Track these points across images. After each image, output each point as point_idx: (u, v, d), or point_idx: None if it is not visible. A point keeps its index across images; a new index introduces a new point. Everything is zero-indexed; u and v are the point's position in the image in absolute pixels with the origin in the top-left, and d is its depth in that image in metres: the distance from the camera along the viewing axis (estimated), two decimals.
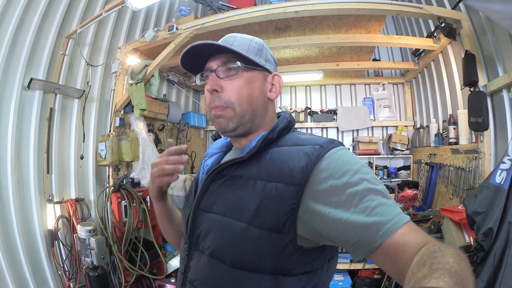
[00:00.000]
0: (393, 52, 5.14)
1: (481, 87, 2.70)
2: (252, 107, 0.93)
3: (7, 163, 2.58)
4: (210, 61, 0.95)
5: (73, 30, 3.06)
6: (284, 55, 4.20)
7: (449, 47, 3.34)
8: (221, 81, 0.92)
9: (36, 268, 2.72)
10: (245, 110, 0.92)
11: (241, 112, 0.91)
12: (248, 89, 0.93)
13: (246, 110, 0.92)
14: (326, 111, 5.06)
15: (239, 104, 0.91)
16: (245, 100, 0.92)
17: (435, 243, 0.60)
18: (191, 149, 4.88)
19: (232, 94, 0.91)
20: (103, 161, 3.24)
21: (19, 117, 2.68)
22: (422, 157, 4.07)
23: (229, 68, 0.92)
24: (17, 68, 2.66)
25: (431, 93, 4.03)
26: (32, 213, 2.76)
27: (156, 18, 4.38)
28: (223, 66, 0.92)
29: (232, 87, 0.91)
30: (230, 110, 0.90)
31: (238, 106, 0.91)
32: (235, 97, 0.91)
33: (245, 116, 0.92)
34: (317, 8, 2.74)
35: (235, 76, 0.92)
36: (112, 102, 3.57)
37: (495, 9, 2.19)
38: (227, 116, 0.91)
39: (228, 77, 0.92)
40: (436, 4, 3.31)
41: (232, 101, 0.90)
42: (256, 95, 0.95)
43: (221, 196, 0.88)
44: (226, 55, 0.92)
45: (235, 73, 0.92)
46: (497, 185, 2.13)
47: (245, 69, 0.93)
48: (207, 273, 0.87)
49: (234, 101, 0.90)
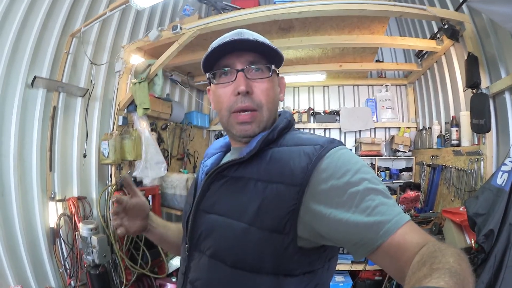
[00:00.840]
0: (396, 53, 5.12)
1: (483, 89, 2.69)
2: (274, 109, 0.93)
3: (9, 161, 2.59)
4: (230, 57, 0.89)
5: (77, 29, 3.08)
6: (288, 56, 4.20)
7: (452, 49, 3.33)
8: (250, 82, 0.88)
9: (37, 265, 2.73)
10: (270, 113, 0.91)
11: (268, 116, 0.90)
12: (273, 92, 0.92)
13: (271, 113, 0.91)
14: (329, 112, 5.05)
15: (267, 107, 0.89)
16: (272, 103, 0.91)
17: (436, 242, 0.60)
18: (193, 149, 4.89)
19: (262, 97, 0.88)
20: (106, 160, 3.25)
21: (22, 115, 2.70)
22: (424, 159, 4.06)
23: (256, 69, 0.89)
24: (20, 66, 2.68)
25: (433, 94, 4.02)
26: (34, 210, 2.78)
27: (160, 18, 4.40)
28: (252, 65, 0.89)
29: (262, 89, 0.89)
30: (259, 114, 0.88)
31: (267, 110, 0.89)
32: (265, 100, 0.89)
33: (269, 120, 0.91)
34: (320, 9, 2.74)
35: (265, 80, 0.90)
36: (116, 101, 3.58)
37: (498, 11, 2.19)
38: (256, 121, 0.88)
39: (257, 79, 0.89)
40: (439, 6, 3.31)
41: (263, 104, 0.89)
42: (276, 99, 0.94)
43: (222, 197, 0.88)
44: (253, 54, 0.89)
45: (264, 76, 0.90)
46: (498, 187, 2.12)
47: (273, 74, 0.92)
48: (207, 274, 0.86)
49: (264, 104, 0.89)
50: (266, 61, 0.90)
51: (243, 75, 0.87)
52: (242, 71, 0.87)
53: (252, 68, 0.89)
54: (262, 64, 0.90)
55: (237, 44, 0.86)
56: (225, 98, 0.90)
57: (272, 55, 0.91)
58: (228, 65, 0.89)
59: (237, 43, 0.86)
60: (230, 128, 0.92)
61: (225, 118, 0.91)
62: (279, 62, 0.93)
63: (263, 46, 0.88)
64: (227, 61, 0.90)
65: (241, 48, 0.88)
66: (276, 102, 0.94)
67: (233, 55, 0.89)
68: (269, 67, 0.90)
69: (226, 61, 0.90)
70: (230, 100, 0.89)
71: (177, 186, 3.61)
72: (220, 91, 0.91)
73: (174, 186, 3.57)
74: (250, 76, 0.88)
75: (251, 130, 0.89)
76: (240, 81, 0.87)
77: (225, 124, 0.93)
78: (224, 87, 0.90)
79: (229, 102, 0.89)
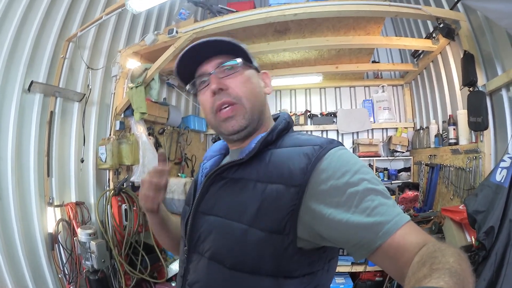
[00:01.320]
0: (393, 54, 5.15)
1: (480, 87, 2.71)
2: (258, 102, 0.94)
3: (7, 166, 2.58)
4: (202, 65, 0.94)
5: (74, 34, 3.08)
6: (284, 58, 4.21)
7: (448, 47, 3.35)
8: (223, 80, 0.91)
9: (36, 271, 2.70)
10: (253, 104, 0.92)
11: (250, 107, 0.91)
12: (250, 84, 0.93)
13: (254, 104, 0.92)
14: (326, 114, 5.07)
15: (247, 98, 0.91)
16: (251, 94, 0.92)
17: (435, 242, 0.60)
18: (191, 153, 4.87)
19: (238, 90, 0.90)
20: (104, 165, 3.24)
21: (19, 120, 2.68)
22: (422, 159, 4.07)
23: (227, 68, 0.92)
24: (17, 71, 2.67)
25: (430, 94, 4.04)
26: (32, 216, 2.76)
27: (156, 22, 4.41)
28: (221, 67, 0.92)
29: (236, 83, 0.91)
30: (239, 106, 0.90)
31: (247, 101, 0.90)
32: (241, 92, 0.90)
33: (254, 111, 0.92)
34: (316, 10, 2.75)
35: (236, 74, 0.92)
36: (112, 106, 3.57)
37: (493, 8, 2.20)
38: (239, 113, 0.90)
39: (229, 75, 0.92)
40: (434, 5, 3.32)
41: (240, 96, 0.90)
42: (257, 90, 0.95)
43: (221, 198, 0.88)
44: (221, 56, 0.93)
45: (236, 71, 0.92)
46: (497, 184, 2.12)
47: (243, 67, 0.94)
48: (206, 276, 0.86)
49: (242, 95, 0.90)
50: (233, 57, 0.93)
51: (214, 76, 0.91)
52: (213, 73, 0.92)
53: (223, 67, 0.92)
54: (231, 62, 0.92)
55: (202, 50, 0.92)
56: (207, 102, 0.93)
57: (238, 52, 0.94)
58: (202, 73, 0.95)
59: (199, 48, 0.91)
60: (219, 128, 0.94)
61: (212, 121, 0.94)
62: (247, 56, 0.95)
63: (224, 44, 0.92)
64: (200, 71, 0.95)
65: (208, 55, 0.94)
66: (257, 94, 0.95)
67: (204, 63, 0.94)
68: (236, 61, 0.92)
69: (200, 70, 0.95)
70: (210, 102, 0.92)
71: (175, 190, 3.59)
72: (202, 97, 0.95)
73: (172, 190, 3.55)
74: (222, 75, 0.92)
75: (237, 124, 0.90)
76: (212, 82, 0.91)
77: (215, 127, 0.96)
78: (204, 93, 0.94)
79: (210, 104, 0.92)
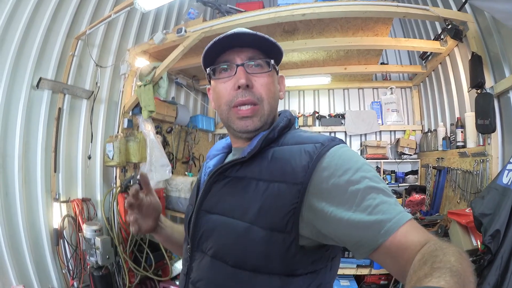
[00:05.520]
0: (401, 55, 5.14)
1: (488, 89, 2.68)
2: (275, 106, 0.94)
3: (14, 161, 2.61)
4: (230, 53, 0.90)
5: (83, 31, 3.11)
6: (292, 59, 4.20)
7: (456, 49, 3.33)
8: (250, 76, 0.89)
9: (40, 266, 2.73)
10: (271, 108, 0.91)
11: (269, 110, 0.90)
12: (274, 87, 0.93)
13: (273, 108, 0.92)
14: (334, 115, 5.07)
15: (268, 101, 0.90)
16: (272, 98, 0.91)
17: (437, 241, 0.59)
18: (198, 152, 4.90)
19: (263, 91, 0.89)
20: (111, 162, 3.27)
21: (27, 116, 2.72)
22: (430, 161, 4.04)
23: (255, 65, 0.90)
24: (26, 68, 2.71)
25: (438, 96, 4.01)
26: (38, 211, 2.79)
27: (165, 21, 4.44)
28: (251, 61, 0.90)
29: (262, 83, 0.89)
30: (260, 108, 0.89)
31: (267, 104, 0.90)
32: (265, 94, 0.89)
33: (270, 114, 0.91)
34: (324, 11, 2.74)
35: (264, 74, 0.90)
36: (121, 104, 3.61)
37: (500, 8, 2.19)
38: (257, 115, 0.88)
39: (256, 73, 0.90)
40: (442, 6, 3.31)
41: (263, 98, 0.89)
42: (277, 95, 0.95)
43: (224, 197, 0.88)
44: (252, 50, 0.90)
45: (264, 71, 0.91)
46: (504, 186, 2.09)
47: (272, 68, 0.93)
48: (209, 274, 0.86)
49: (264, 98, 0.89)
50: (265, 56, 0.91)
51: (243, 69, 0.88)
52: (242, 65, 0.88)
53: (252, 63, 0.90)
54: (261, 59, 0.90)
55: (236, 39, 0.87)
56: (225, 93, 0.90)
57: (271, 51, 0.92)
58: (228, 60, 0.90)
59: (236, 37, 0.86)
60: (230, 123, 0.92)
61: (225, 113, 0.92)
62: (279, 58, 0.94)
63: (262, 40, 0.89)
64: (226, 57, 0.90)
65: (241, 44, 0.89)
66: (276, 98, 0.94)
67: (233, 51, 0.90)
68: (268, 62, 0.91)
69: (226, 57, 0.90)
70: (230, 94, 0.89)
71: (182, 189, 3.61)
72: (220, 86, 0.91)
73: (179, 189, 3.57)
74: (250, 71, 0.89)
75: (252, 125, 0.89)
76: (240, 75, 0.87)
77: (225, 120, 0.93)
78: (224, 82, 0.91)
79: (229, 96, 0.89)
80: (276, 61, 0.94)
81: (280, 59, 0.95)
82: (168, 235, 1.16)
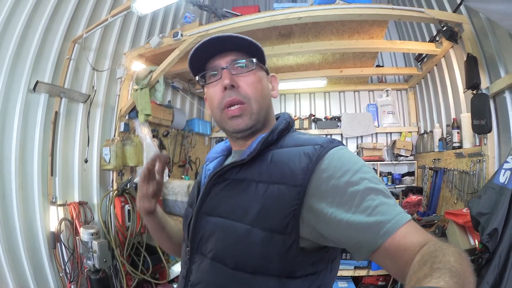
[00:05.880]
0: (397, 58, 5.16)
1: (483, 89, 2.70)
2: (265, 104, 0.94)
3: (11, 164, 2.60)
4: (215, 59, 0.94)
5: (79, 35, 3.11)
6: (288, 62, 4.22)
7: (451, 51, 3.35)
8: (235, 77, 0.91)
9: (37, 269, 2.71)
10: (260, 106, 0.92)
11: (258, 108, 0.91)
12: (260, 85, 0.94)
13: (261, 106, 0.92)
14: (330, 118, 5.09)
15: (255, 99, 0.91)
16: (260, 96, 0.92)
17: (436, 242, 0.59)
18: (195, 156, 4.89)
19: (248, 89, 0.90)
20: (107, 165, 3.26)
21: (24, 119, 2.71)
22: (426, 163, 4.05)
23: (241, 66, 0.92)
24: (23, 71, 2.70)
25: (434, 98, 4.04)
26: (34, 214, 2.78)
27: (161, 25, 4.44)
28: (234, 63, 0.92)
29: (247, 82, 0.91)
30: (247, 106, 0.90)
31: (255, 102, 0.91)
32: (251, 92, 0.90)
33: (260, 112, 0.92)
34: (319, 14, 2.76)
35: (249, 73, 0.92)
36: (117, 107, 3.60)
37: (495, 9, 2.21)
38: (246, 113, 0.90)
39: (241, 74, 0.92)
40: (437, 8, 3.34)
41: (250, 96, 0.90)
42: (266, 93, 0.96)
43: (223, 199, 0.88)
44: (235, 53, 0.93)
45: (248, 70, 0.92)
46: (501, 185, 2.11)
47: (256, 67, 0.94)
48: (209, 277, 0.86)
49: (251, 96, 0.90)
50: (249, 56, 0.93)
51: (227, 71, 0.91)
52: (226, 68, 0.91)
53: (237, 64, 0.92)
54: (244, 60, 0.92)
55: (221, 43, 0.91)
56: (216, 96, 0.92)
57: (254, 51, 0.94)
58: (214, 66, 0.94)
59: (217, 41, 0.90)
60: (224, 125, 0.94)
61: (218, 116, 0.94)
62: (261, 56, 0.96)
63: (243, 41, 0.91)
64: (213, 64, 0.94)
65: (224, 49, 0.93)
66: (265, 96, 0.95)
67: (218, 56, 0.94)
68: (251, 61, 0.93)
69: (212, 64, 0.94)
70: (219, 97, 0.91)
71: (179, 192, 3.60)
72: (211, 91, 0.95)
73: (175, 192, 3.56)
74: (235, 72, 0.92)
75: (243, 123, 0.90)
76: (224, 77, 0.90)
77: (219, 122, 0.95)
78: (214, 86, 0.94)
79: (219, 99, 0.91)
80: (260, 59, 0.96)
81: (263, 56, 0.97)
82: (161, 223, 1.15)
